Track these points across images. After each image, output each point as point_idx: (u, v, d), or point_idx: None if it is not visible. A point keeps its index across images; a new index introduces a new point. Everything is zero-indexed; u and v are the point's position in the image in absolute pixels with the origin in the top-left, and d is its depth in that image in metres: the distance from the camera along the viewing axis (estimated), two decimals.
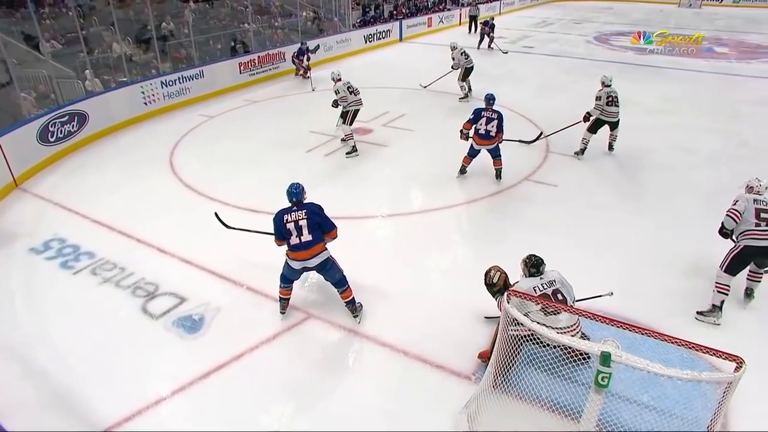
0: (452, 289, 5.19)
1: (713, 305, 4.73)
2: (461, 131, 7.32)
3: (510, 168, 7.54)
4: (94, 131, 9.23)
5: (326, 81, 12.11)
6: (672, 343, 3.39)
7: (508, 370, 3.57)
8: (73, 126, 8.77)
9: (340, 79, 8.49)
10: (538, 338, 3.36)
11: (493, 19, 18.37)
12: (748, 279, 4.96)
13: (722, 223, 4.80)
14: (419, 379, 4.09)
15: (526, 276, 4.01)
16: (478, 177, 7.60)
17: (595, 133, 8.15)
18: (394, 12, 20.49)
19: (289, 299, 4.76)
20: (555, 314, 3.68)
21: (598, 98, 7.99)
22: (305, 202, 4.56)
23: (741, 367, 2.89)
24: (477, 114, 7.21)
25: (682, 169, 8.10)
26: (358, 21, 18.33)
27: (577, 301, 4.10)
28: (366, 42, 17.20)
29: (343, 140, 8.67)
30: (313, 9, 17.45)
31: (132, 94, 10.13)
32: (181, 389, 3.97)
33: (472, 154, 7.41)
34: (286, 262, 4.54)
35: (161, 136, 9.44)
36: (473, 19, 20.81)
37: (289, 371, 4.19)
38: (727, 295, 4.70)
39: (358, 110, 8.41)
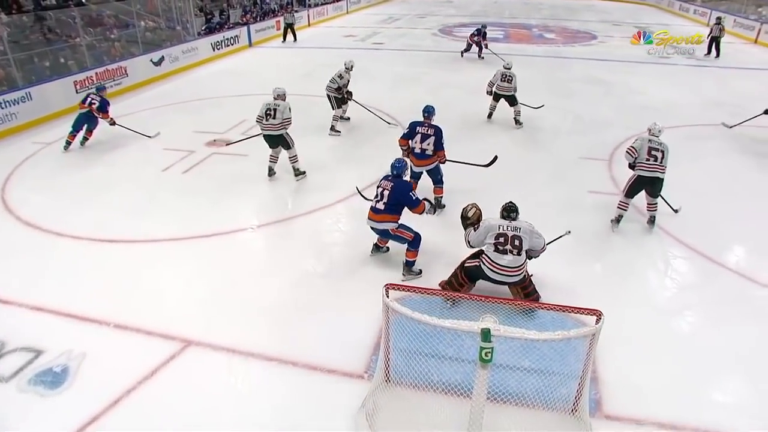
0: (332, 291, 5.18)
1: (615, 218, 6.24)
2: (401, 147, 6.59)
3: (382, 157, 7.65)
4: None
5: (162, 98, 11.53)
6: (542, 308, 3.69)
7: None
8: None
9: (275, 97, 7.40)
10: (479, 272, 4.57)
11: (485, 27, 15.97)
12: (647, 209, 6.24)
13: (625, 156, 6.16)
14: (312, 388, 4.02)
15: (499, 217, 4.67)
16: (348, 172, 7.69)
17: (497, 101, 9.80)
18: (244, 17, 19.91)
19: (381, 248, 5.65)
20: (503, 254, 4.44)
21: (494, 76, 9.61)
22: (404, 178, 5.26)
23: (600, 319, 3.26)
24: (411, 129, 6.40)
25: (529, 147, 8.86)
26: (203, 28, 17.55)
27: (547, 243, 4.79)
28: (214, 50, 16.48)
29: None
30: (152, 18, 16.37)
31: None
32: None
33: (414, 176, 6.58)
34: None
35: None
36: (289, 27, 19.22)
37: (173, 406, 3.89)
38: (625, 210, 6.21)
39: (266, 135, 7.35)
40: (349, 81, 9.36)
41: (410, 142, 6.42)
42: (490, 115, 10.12)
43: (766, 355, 4.40)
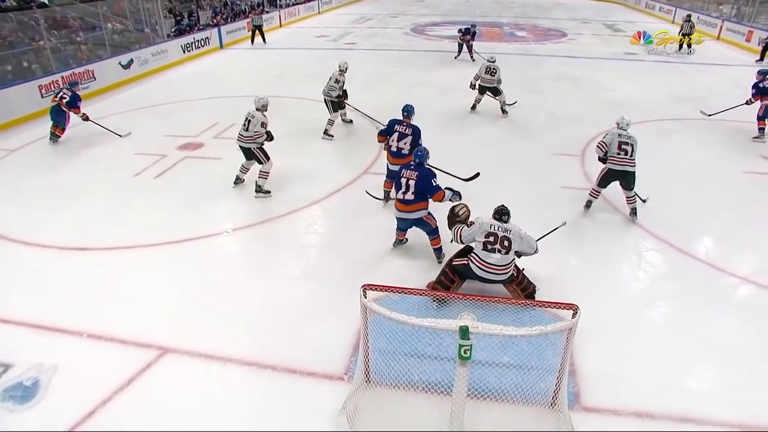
0: (309, 292, 5.14)
1: (585, 203, 6.57)
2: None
3: (354, 158, 7.65)
4: None
5: (132, 101, 11.30)
6: (519, 305, 3.73)
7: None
8: None
9: (256, 108, 7.00)
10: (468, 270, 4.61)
11: (474, 26, 15.80)
12: (627, 203, 6.38)
13: (595, 151, 6.39)
14: (293, 391, 3.99)
15: (491, 217, 4.73)
16: (328, 174, 7.67)
17: (482, 94, 10.28)
18: (215, 18, 19.64)
19: (402, 240, 5.67)
20: (491, 252, 4.51)
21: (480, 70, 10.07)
22: (426, 164, 5.33)
23: (576, 313, 3.30)
24: (390, 126, 6.43)
25: (505, 143, 8.96)
26: (172, 30, 17.27)
27: (538, 239, 4.92)
28: (184, 52, 16.25)
29: None
30: (120, 20, 16.05)
31: None
32: None
33: (390, 175, 6.43)
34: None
35: None
36: (258, 29, 18.75)
37: (151, 416, 3.81)
38: (596, 198, 6.51)
39: (240, 147, 7.07)
40: (344, 82, 9.19)
41: (388, 139, 6.42)
42: (474, 107, 10.52)
43: (737, 343, 4.51)
